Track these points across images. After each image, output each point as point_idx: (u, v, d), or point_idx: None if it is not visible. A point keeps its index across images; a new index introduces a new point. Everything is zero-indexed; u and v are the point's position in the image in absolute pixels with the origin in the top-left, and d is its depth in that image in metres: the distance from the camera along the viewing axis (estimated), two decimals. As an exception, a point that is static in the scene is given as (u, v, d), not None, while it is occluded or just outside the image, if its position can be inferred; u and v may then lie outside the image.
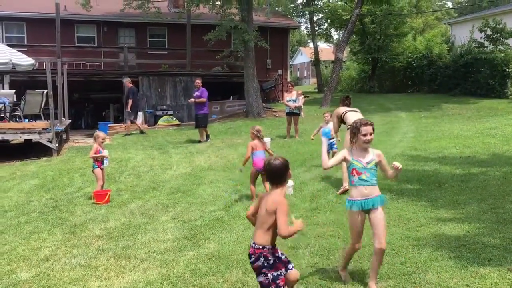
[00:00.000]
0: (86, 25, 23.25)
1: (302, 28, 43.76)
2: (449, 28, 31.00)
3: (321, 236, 5.31)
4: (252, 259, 3.38)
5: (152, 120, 19.53)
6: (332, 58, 31.30)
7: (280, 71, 26.12)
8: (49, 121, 12.83)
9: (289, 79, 26.77)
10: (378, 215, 3.92)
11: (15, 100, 14.92)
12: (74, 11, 21.67)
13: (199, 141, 13.86)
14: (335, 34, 40.98)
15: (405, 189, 7.13)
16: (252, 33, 18.45)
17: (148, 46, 24.03)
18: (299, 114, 13.38)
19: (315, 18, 36.77)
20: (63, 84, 15.29)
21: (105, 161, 8.04)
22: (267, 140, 12.32)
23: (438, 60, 25.48)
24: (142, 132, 16.15)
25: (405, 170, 8.34)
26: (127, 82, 16.39)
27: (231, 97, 22.47)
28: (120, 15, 21.91)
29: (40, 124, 13.21)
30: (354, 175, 3.95)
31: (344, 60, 28.91)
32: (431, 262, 4.40)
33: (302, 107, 13.71)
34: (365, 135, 3.96)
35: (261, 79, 22.56)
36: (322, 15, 36.49)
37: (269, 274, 3.32)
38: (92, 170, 7.99)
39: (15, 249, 5.45)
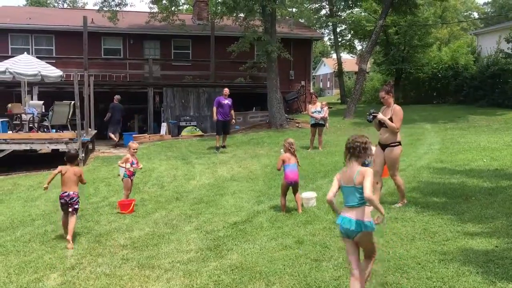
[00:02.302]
0: (112, 37, 23.70)
1: (325, 39, 43.78)
2: (475, 39, 30.54)
3: (344, 249, 5.22)
4: (75, 199, 6.14)
5: (176, 130, 19.71)
6: (355, 69, 31.20)
7: (303, 82, 26.10)
8: (76, 132, 13.09)
9: (312, 90, 26.72)
10: None
11: (43, 110, 15.27)
12: (101, 24, 22.15)
13: (224, 146, 14.09)
14: (358, 45, 41.01)
15: (431, 202, 7.00)
16: (275, 44, 18.52)
17: (172, 57, 24.33)
18: (324, 125, 13.35)
19: (338, 29, 36.78)
20: (89, 95, 15.60)
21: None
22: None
23: (464, 71, 25.11)
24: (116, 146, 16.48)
25: (431, 183, 8.22)
26: (114, 98, 16.93)
27: (254, 108, 22.52)
28: (145, 28, 22.32)
29: (67, 134, 13.49)
30: None
31: (367, 71, 28.73)
32: (458, 277, 4.30)
33: (328, 118, 13.70)
34: None
35: (284, 90, 22.57)
36: (346, 26, 36.48)
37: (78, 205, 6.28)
38: (122, 179, 8.11)
39: (41, 257, 5.55)
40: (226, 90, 14.29)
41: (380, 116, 6.83)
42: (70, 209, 6.11)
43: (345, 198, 3.78)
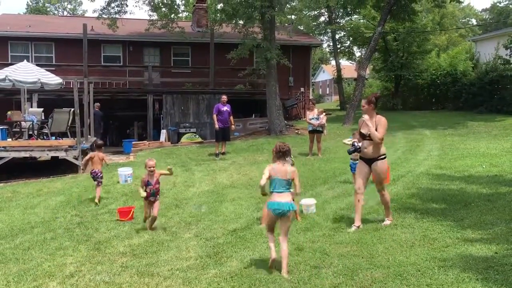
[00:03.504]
0: (112, 44, 23.75)
1: (324, 45, 43.96)
2: (474, 45, 30.62)
3: (344, 256, 5.24)
4: (100, 174, 8.93)
5: (175, 137, 19.73)
6: (355, 75, 31.29)
7: (302, 89, 26.15)
8: (75, 139, 13.09)
9: (311, 97, 26.76)
10: None
11: (43, 118, 15.28)
12: (101, 32, 22.22)
13: (223, 153, 14.15)
14: (357, 52, 41.10)
15: (430, 208, 7.00)
16: (274, 51, 18.57)
17: (172, 64, 24.37)
18: (322, 132, 13.36)
19: (337, 36, 36.91)
20: (89, 103, 15.62)
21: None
22: (287, 158, 12.34)
23: (463, 77, 25.15)
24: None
25: (430, 189, 8.22)
26: (94, 106, 17.02)
27: (253, 114, 22.55)
28: (145, 35, 22.39)
29: (67, 141, 13.49)
30: None
31: (366, 77, 28.80)
32: (458, 283, 4.30)
33: (326, 125, 13.72)
34: None
35: (283, 97, 22.62)
36: (345, 33, 36.62)
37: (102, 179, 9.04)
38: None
39: (41, 265, 5.54)
40: (224, 97, 14.40)
41: (361, 144, 6.35)
42: (96, 182, 8.92)
43: (276, 186, 4.97)
